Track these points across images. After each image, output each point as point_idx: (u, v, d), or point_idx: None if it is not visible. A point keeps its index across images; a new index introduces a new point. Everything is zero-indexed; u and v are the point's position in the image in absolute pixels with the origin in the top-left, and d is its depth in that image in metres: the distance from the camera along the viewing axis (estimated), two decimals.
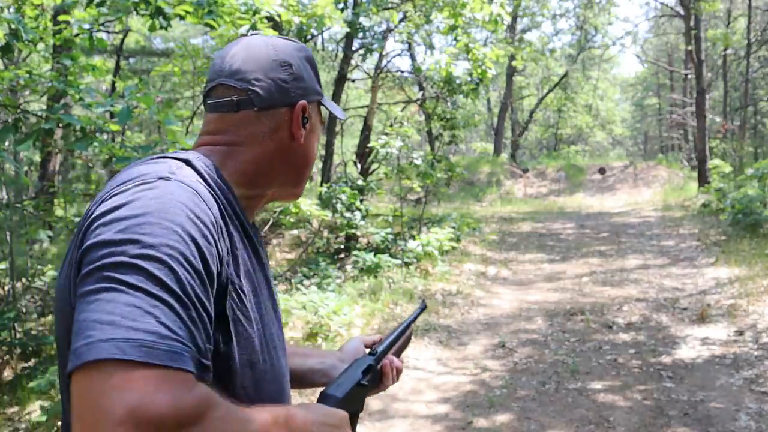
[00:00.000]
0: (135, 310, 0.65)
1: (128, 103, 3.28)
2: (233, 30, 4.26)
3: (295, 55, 0.99)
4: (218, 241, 0.78)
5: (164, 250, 0.70)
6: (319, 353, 1.26)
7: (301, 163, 1.02)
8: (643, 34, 30.95)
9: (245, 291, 0.85)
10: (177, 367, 0.64)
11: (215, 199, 0.84)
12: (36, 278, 5.65)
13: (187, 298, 0.69)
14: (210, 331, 0.73)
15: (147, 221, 0.72)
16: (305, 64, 1.01)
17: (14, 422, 3.65)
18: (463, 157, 25.80)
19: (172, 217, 0.73)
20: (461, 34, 8.34)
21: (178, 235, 0.72)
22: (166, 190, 0.76)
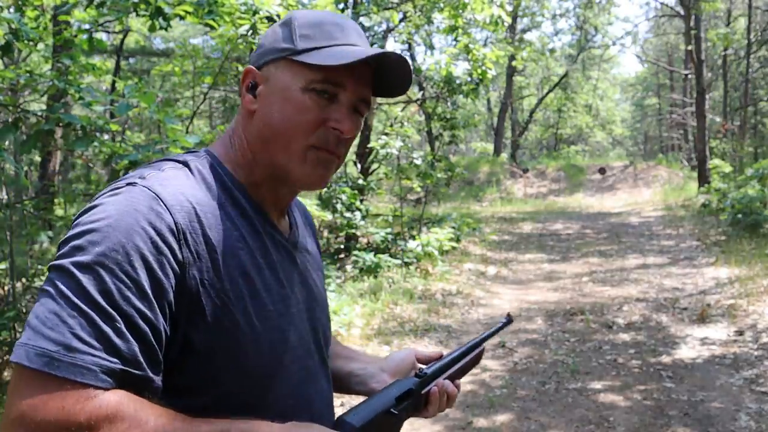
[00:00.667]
0: (54, 318, 0.68)
1: (128, 100, 3.28)
2: (233, 30, 4.26)
3: (271, 28, 0.95)
4: (179, 248, 0.77)
5: (102, 260, 0.71)
6: (363, 358, 1.17)
7: (263, 134, 0.90)
8: (643, 34, 30.97)
9: (229, 294, 0.81)
10: (74, 380, 0.66)
11: (188, 204, 0.80)
12: (36, 278, 5.65)
13: (115, 310, 0.70)
14: (154, 338, 0.73)
15: (97, 228, 0.74)
16: (275, 30, 0.93)
17: None
18: (463, 157, 25.81)
19: (123, 226, 0.74)
20: (461, 35, 8.35)
21: (121, 245, 0.73)
22: (128, 197, 0.77)
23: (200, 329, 0.79)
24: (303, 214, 1.11)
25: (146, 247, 0.74)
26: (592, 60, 29.41)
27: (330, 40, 0.89)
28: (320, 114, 0.88)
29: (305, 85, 0.88)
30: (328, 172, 0.92)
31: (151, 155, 3.19)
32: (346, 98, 0.89)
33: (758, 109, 23.76)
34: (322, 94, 0.88)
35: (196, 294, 0.78)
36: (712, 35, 17.66)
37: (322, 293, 1.04)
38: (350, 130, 0.89)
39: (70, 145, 3.35)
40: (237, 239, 0.85)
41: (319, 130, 0.89)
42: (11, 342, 4.23)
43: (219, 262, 0.81)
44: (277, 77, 0.89)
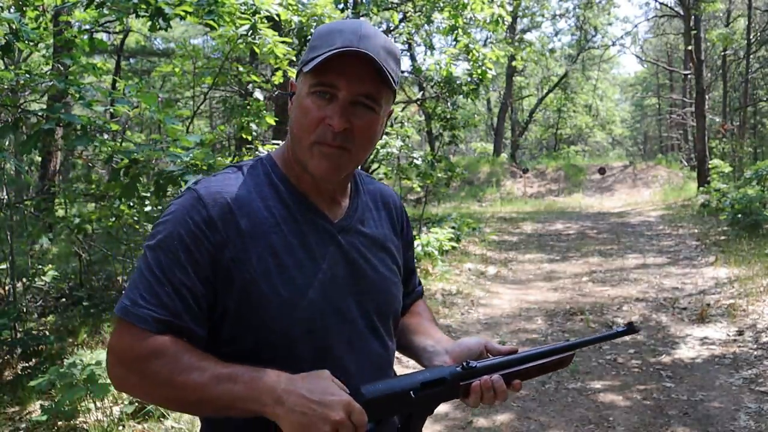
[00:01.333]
0: (133, 283, 1.02)
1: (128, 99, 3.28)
2: (233, 30, 4.27)
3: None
4: (212, 234, 1.02)
5: (161, 244, 1.02)
6: (438, 336, 1.24)
7: (292, 134, 1.09)
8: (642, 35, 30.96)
9: (256, 269, 1.02)
10: (137, 325, 0.98)
11: (223, 200, 1.04)
12: (36, 278, 5.65)
13: (166, 278, 0.99)
14: (193, 300, 1.00)
15: (162, 221, 1.06)
16: (312, 41, 1.08)
17: (15, 422, 3.65)
18: (463, 157, 25.82)
19: (174, 220, 1.04)
20: (461, 35, 8.35)
21: (171, 235, 1.02)
22: (183, 199, 1.07)
23: (232, 296, 1.02)
24: (380, 201, 1.25)
25: (186, 234, 1.01)
26: (592, 60, 29.41)
27: (328, 46, 1.01)
28: (319, 113, 1.02)
29: (308, 90, 1.04)
30: (333, 163, 1.05)
31: (151, 153, 3.19)
32: (342, 96, 1.02)
33: (758, 109, 23.76)
34: (322, 95, 1.03)
35: (227, 269, 1.02)
36: (711, 35, 17.66)
37: (376, 271, 1.15)
38: (339, 123, 1.01)
39: (70, 144, 3.35)
40: (271, 225, 1.05)
41: (319, 127, 1.03)
42: (11, 342, 4.24)
43: (248, 244, 1.03)
44: (298, 87, 1.07)
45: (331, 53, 0.99)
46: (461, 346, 1.17)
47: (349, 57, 1.00)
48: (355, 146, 1.05)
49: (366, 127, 1.05)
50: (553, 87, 28.18)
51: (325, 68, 1.00)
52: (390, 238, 1.22)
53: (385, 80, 1.03)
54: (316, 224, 1.09)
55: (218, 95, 12.07)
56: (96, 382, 3.32)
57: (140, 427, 3.42)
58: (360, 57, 1.00)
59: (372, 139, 1.08)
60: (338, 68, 1.00)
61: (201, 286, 1.01)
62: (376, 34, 1.05)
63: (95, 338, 4.80)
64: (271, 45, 4.30)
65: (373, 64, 1.01)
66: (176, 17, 3.79)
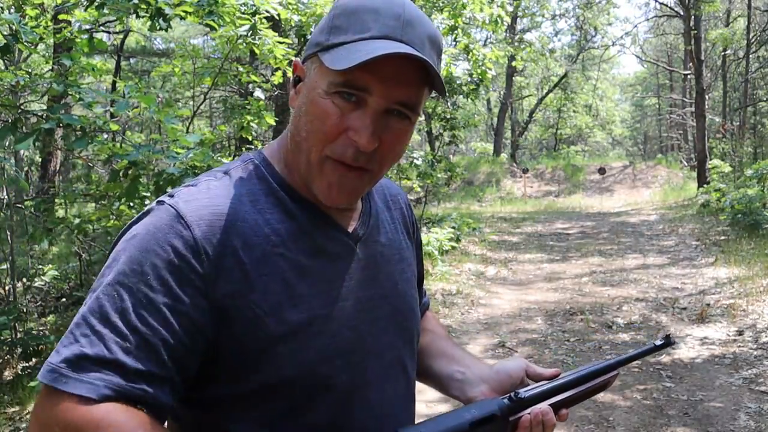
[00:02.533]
0: (70, 336, 0.74)
1: (128, 100, 3.28)
2: (233, 30, 4.27)
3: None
4: (199, 264, 0.77)
5: (122, 279, 0.75)
6: (467, 360, 1.04)
7: (294, 136, 0.84)
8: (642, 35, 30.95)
9: (261, 305, 0.79)
10: (73, 393, 0.70)
11: (212, 218, 0.79)
12: (36, 278, 5.66)
13: (128, 328, 0.72)
14: (167, 355, 0.74)
15: (122, 248, 0.78)
16: (323, 17, 0.84)
17: (15, 422, 3.65)
18: (463, 157, 25.81)
19: (144, 246, 0.76)
20: (461, 35, 8.35)
21: (140, 265, 0.75)
22: (152, 218, 0.79)
23: (230, 340, 0.78)
24: (389, 199, 1.03)
25: (163, 265, 0.75)
26: (592, 60, 29.43)
27: (359, 32, 0.77)
28: (341, 121, 0.78)
29: (327, 88, 0.78)
30: (346, 191, 0.82)
31: (150, 155, 3.19)
32: (374, 102, 0.77)
33: (757, 109, 23.76)
34: (348, 97, 0.78)
35: (222, 309, 0.77)
36: (711, 35, 17.67)
37: (397, 288, 0.95)
38: (368, 143, 0.77)
39: (70, 145, 3.36)
40: (275, 245, 0.81)
41: (339, 139, 0.79)
42: (11, 342, 4.24)
43: (250, 273, 0.79)
44: (310, 75, 0.82)
45: (371, 57, 0.73)
46: (500, 374, 0.98)
47: (411, 55, 0.75)
48: (379, 165, 0.82)
49: (397, 142, 0.81)
50: (553, 87, 28.19)
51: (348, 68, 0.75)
52: (405, 245, 1.01)
53: (433, 83, 0.80)
54: (331, 237, 0.87)
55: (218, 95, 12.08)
56: None
57: None
58: (405, 56, 0.75)
59: (400, 153, 0.84)
60: (373, 67, 0.75)
61: (182, 335, 0.75)
62: (420, 18, 0.80)
63: None
64: (271, 45, 4.31)
65: (418, 63, 0.77)
66: (176, 17, 3.79)
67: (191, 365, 0.77)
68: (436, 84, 0.79)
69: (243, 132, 5.20)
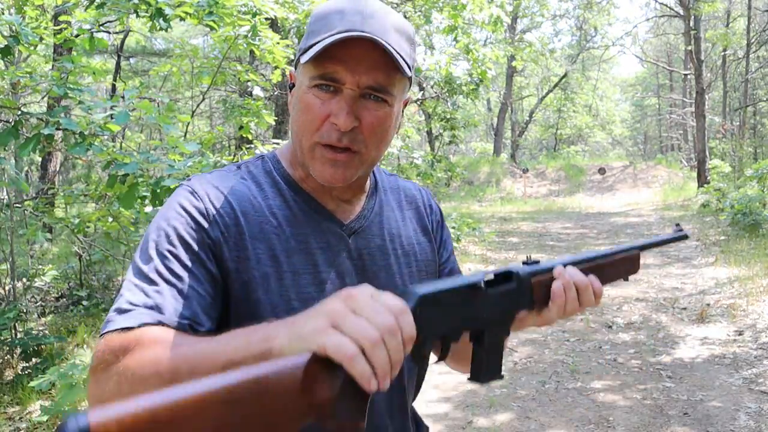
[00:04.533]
0: (119, 296, 0.84)
1: (127, 106, 3.29)
2: (233, 31, 4.27)
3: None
4: (210, 227, 0.89)
5: (151, 243, 0.87)
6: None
7: (293, 132, 0.95)
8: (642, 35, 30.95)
9: (254, 274, 0.90)
10: (120, 328, 0.78)
11: (220, 194, 0.93)
12: (36, 278, 5.66)
13: (160, 277, 0.84)
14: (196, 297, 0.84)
15: (154, 220, 0.91)
16: (309, 24, 0.93)
17: (15, 422, 3.65)
18: (463, 157, 25.82)
19: (166, 215, 0.91)
20: (461, 35, 8.36)
21: (163, 229, 0.88)
22: (174, 196, 0.94)
23: (231, 298, 0.90)
24: (404, 199, 1.10)
25: (181, 226, 0.88)
26: (592, 60, 29.43)
27: (327, 31, 0.86)
28: (322, 110, 0.88)
29: (309, 83, 0.89)
30: (339, 169, 0.91)
31: (148, 164, 3.20)
32: (347, 89, 0.87)
33: (757, 109, 23.76)
34: (325, 88, 0.88)
35: (227, 270, 0.89)
36: (711, 35, 17.67)
37: (392, 278, 1.00)
38: (345, 122, 0.87)
39: (69, 149, 3.36)
40: (271, 224, 0.93)
41: (324, 125, 0.89)
42: (11, 342, 4.24)
43: (248, 243, 0.90)
44: (298, 78, 0.93)
45: (329, 41, 0.84)
46: None
47: (353, 43, 0.84)
48: (365, 146, 0.91)
49: (377, 123, 0.89)
50: (553, 87, 28.20)
51: (325, 57, 0.85)
52: (417, 240, 1.07)
53: (398, 66, 0.87)
54: (324, 228, 0.96)
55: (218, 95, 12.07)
56: None
57: None
58: (365, 42, 0.84)
59: (384, 135, 0.92)
60: (341, 57, 0.85)
61: (207, 285, 0.86)
62: (385, 11, 0.89)
63: (95, 338, 4.80)
64: (270, 46, 4.31)
65: (382, 49, 0.85)
66: (176, 18, 3.79)
67: (213, 314, 0.87)
68: (400, 66, 0.87)
69: (242, 132, 5.20)
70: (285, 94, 7.10)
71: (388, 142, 0.95)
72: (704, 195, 13.16)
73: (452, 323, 0.75)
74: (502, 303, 0.82)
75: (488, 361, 0.82)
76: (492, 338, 0.81)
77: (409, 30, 0.92)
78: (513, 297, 0.83)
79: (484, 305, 0.78)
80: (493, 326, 0.82)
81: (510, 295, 0.82)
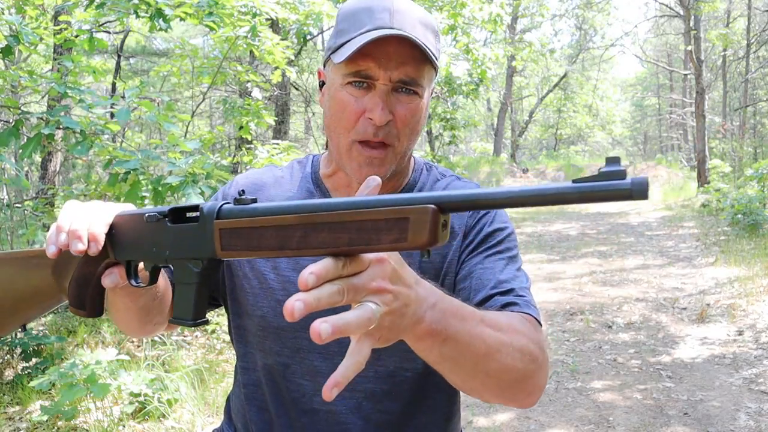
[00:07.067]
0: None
1: (128, 104, 3.29)
2: (233, 31, 4.27)
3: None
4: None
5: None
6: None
7: (327, 130, 0.98)
8: (642, 35, 30.96)
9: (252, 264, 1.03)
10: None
11: (251, 185, 1.07)
12: None
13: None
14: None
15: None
16: (338, 23, 0.96)
17: (15, 421, 3.65)
18: (463, 157, 25.81)
19: (215, 197, 1.08)
20: (461, 34, 8.36)
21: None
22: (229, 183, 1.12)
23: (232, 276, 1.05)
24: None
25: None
26: (592, 60, 29.43)
27: (357, 29, 0.90)
28: (357, 106, 0.91)
29: (342, 81, 0.92)
30: (373, 167, 0.93)
31: (150, 161, 3.20)
32: (380, 84, 0.90)
33: (757, 110, 23.76)
34: (359, 85, 0.91)
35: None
36: (711, 35, 17.67)
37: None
38: (381, 117, 0.89)
39: (70, 149, 3.36)
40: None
41: (360, 122, 0.92)
42: (11, 342, 4.24)
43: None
44: (329, 76, 0.96)
45: (364, 41, 0.86)
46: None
47: (383, 40, 0.87)
48: (398, 139, 0.94)
49: (410, 115, 0.93)
50: (553, 87, 28.20)
51: (357, 55, 0.88)
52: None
53: (427, 58, 0.90)
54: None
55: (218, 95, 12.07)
56: (96, 382, 3.32)
57: (140, 427, 3.42)
58: (395, 38, 0.88)
59: (417, 126, 0.95)
60: (373, 54, 0.88)
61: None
62: (410, 6, 0.93)
63: (95, 338, 4.80)
64: (270, 47, 4.31)
65: (411, 43, 0.89)
66: (176, 18, 3.79)
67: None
68: (429, 57, 0.90)
69: (242, 132, 5.20)
70: (285, 94, 7.10)
71: (419, 132, 0.97)
72: (704, 195, 13.16)
73: (140, 250, 0.77)
74: (184, 240, 0.72)
75: (179, 300, 0.75)
76: (180, 277, 0.74)
77: (432, 23, 0.95)
78: (194, 236, 0.71)
79: (166, 238, 0.74)
80: (177, 264, 0.74)
81: (191, 233, 0.71)
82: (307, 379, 1.00)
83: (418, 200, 0.56)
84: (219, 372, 4.24)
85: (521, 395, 0.82)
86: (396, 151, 0.94)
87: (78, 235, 0.75)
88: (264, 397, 1.04)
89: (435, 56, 0.92)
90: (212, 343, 4.76)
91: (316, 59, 13.87)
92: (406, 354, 0.82)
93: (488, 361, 0.74)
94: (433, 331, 0.66)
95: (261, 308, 1.01)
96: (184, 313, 0.75)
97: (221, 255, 0.67)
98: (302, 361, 1.00)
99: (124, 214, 0.79)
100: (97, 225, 0.77)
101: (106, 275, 0.81)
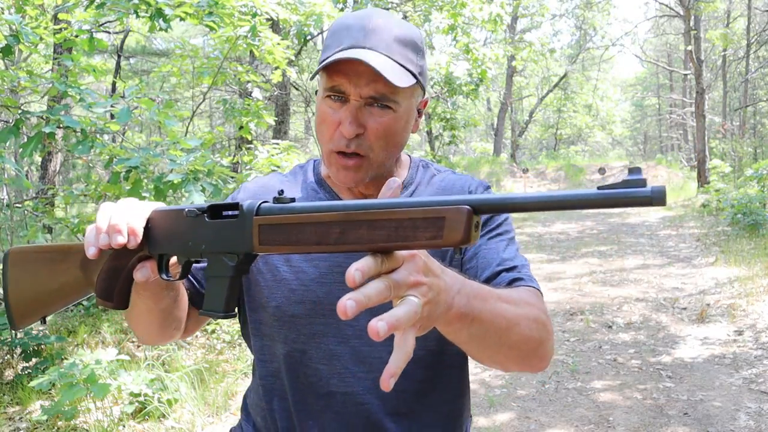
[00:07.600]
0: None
1: (128, 104, 3.29)
2: (233, 32, 4.27)
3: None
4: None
5: None
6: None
7: (316, 138, 1.09)
8: (642, 35, 30.96)
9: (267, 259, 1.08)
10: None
11: (258, 189, 1.13)
12: None
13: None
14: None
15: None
16: (326, 38, 1.03)
17: (15, 421, 3.65)
18: (463, 157, 25.82)
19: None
20: (461, 34, 8.36)
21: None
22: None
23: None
24: (442, 194, 1.10)
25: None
26: (592, 60, 29.43)
27: (336, 46, 0.96)
28: (333, 118, 0.97)
29: (323, 93, 0.99)
30: (349, 172, 0.99)
31: (150, 158, 3.20)
32: (353, 99, 0.96)
33: (757, 110, 23.76)
34: (336, 98, 0.97)
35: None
36: (711, 35, 17.67)
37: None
38: (349, 130, 0.95)
39: (71, 148, 3.36)
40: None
41: (336, 133, 0.98)
42: (11, 342, 4.24)
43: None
44: (319, 86, 1.03)
45: (329, 61, 0.92)
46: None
47: (353, 58, 0.92)
48: (372, 150, 0.98)
49: (381, 129, 0.97)
50: (553, 87, 28.20)
51: (333, 71, 0.95)
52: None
53: (395, 78, 0.93)
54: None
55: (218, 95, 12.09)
56: (96, 382, 3.32)
57: (140, 427, 3.43)
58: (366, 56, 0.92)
59: (390, 138, 0.99)
60: (344, 71, 0.94)
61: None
62: (387, 24, 0.96)
63: (95, 338, 4.80)
64: (270, 47, 4.31)
65: (382, 62, 0.92)
66: (176, 18, 3.79)
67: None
68: (394, 79, 0.92)
69: (242, 132, 5.20)
70: (285, 94, 7.10)
71: (398, 143, 1.01)
72: (704, 195, 13.17)
73: (175, 244, 0.81)
74: (221, 235, 0.76)
75: (210, 292, 0.78)
76: (214, 270, 0.77)
77: (414, 38, 0.98)
78: (232, 231, 0.75)
79: (203, 233, 0.78)
80: (212, 258, 0.78)
81: (229, 228, 0.75)
82: (323, 363, 1.04)
83: (454, 201, 0.61)
84: (219, 372, 4.24)
85: (536, 360, 0.90)
86: (371, 160, 0.99)
87: (118, 228, 0.79)
88: (283, 386, 1.07)
89: (411, 70, 0.96)
90: (212, 344, 4.76)
91: (316, 59, 13.87)
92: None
93: (510, 335, 0.82)
94: (462, 315, 0.72)
95: (275, 298, 1.05)
96: (215, 306, 0.79)
97: (258, 249, 0.72)
98: (318, 345, 1.04)
99: (161, 210, 0.83)
100: (136, 219, 0.81)
101: (139, 269, 0.84)
